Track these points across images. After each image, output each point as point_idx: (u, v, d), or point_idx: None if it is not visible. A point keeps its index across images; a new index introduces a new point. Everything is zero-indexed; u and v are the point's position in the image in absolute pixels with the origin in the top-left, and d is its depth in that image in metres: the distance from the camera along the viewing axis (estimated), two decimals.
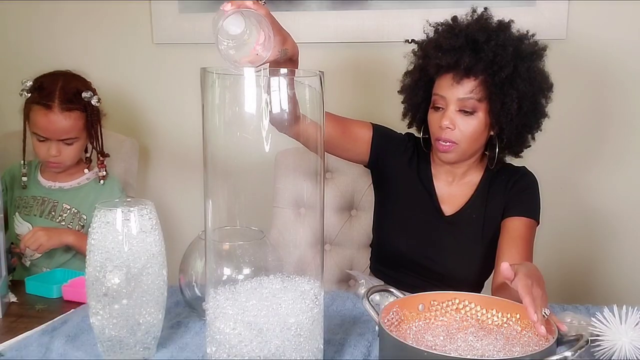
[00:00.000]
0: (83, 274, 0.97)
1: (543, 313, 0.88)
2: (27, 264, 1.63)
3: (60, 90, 1.55)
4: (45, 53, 2.11)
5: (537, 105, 1.34)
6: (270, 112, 0.83)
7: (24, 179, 1.65)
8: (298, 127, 0.93)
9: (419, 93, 1.42)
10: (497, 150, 1.37)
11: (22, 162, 1.65)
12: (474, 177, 1.43)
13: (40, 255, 1.60)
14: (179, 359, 0.96)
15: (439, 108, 1.34)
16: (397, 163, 1.45)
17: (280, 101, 0.84)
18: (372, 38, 1.87)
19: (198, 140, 0.87)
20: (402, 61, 1.46)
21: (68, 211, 1.65)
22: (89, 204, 1.65)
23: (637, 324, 0.96)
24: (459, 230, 1.39)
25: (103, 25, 2.10)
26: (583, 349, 0.76)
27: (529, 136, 1.39)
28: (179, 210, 2.11)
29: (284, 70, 0.85)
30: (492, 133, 1.36)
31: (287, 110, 0.84)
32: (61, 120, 1.55)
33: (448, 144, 1.33)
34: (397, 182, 1.45)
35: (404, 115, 1.48)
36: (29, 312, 1.17)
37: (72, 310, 1.16)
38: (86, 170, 1.69)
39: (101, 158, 1.66)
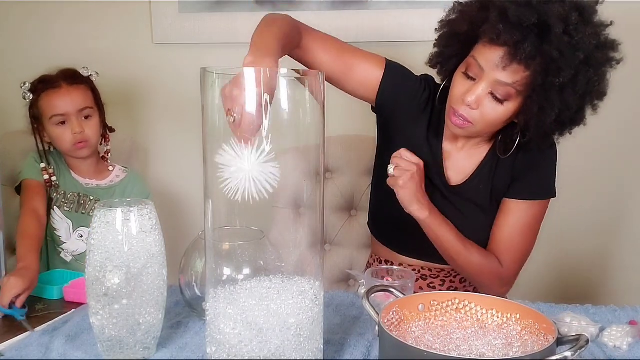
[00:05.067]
0: (83, 275, 0.97)
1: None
2: (68, 259, 1.65)
3: (61, 73, 1.64)
4: (45, 53, 2.11)
5: (578, 116, 1.20)
6: None
7: (52, 175, 1.64)
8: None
9: (454, 45, 1.24)
10: (516, 142, 1.23)
11: (39, 157, 1.65)
12: (486, 145, 1.32)
13: (84, 250, 1.62)
14: (179, 359, 0.96)
15: (469, 76, 1.18)
16: (407, 115, 1.32)
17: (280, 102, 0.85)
18: (372, 38, 1.87)
19: (198, 140, 0.87)
20: (401, 61, 1.46)
21: None
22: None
23: (262, 153, 0.83)
24: (463, 200, 1.32)
25: (103, 25, 2.10)
26: (583, 349, 0.76)
27: (555, 138, 1.27)
28: (179, 210, 2.11)
29: (283, 70, 0.85)
30: (515, 120, 1.22)
31: None
32: (72, 92, 1.62)
33: (462, 120, 1.20)
34: (403, 136, 1.33)
35: (430, 61, 1.31)
36: (29, 312, 1.17)
37: (73, 310, 1.16)
38: (111, 168, 1.74)
39: (109, 134, 1.74)
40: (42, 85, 1.62)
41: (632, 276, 1.92)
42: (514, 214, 1.30)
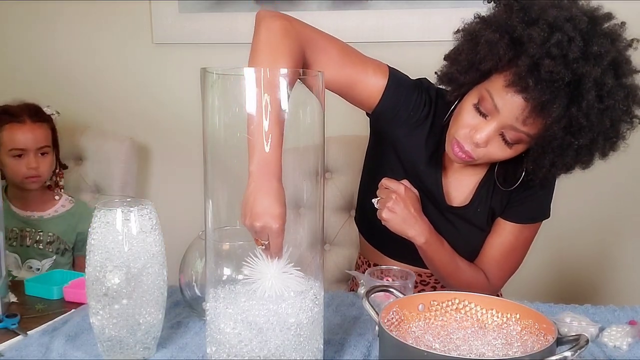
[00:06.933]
0: (83, 275, 0.97)
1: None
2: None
3: (26, 108, 1.70)
4: (45, 54, 2.11)
5: (588, 164, 1.13)
6: None
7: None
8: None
9: (472, 74, 1.11)
10: (519, 179, 1.19)
11: None
12: (485, 165, 1.26)
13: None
14: (179, 359, 0.96)
15: (480, 111, 1.09)
16: (403, 129, 1.23)
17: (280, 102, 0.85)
18: (372, 38, 1.87)
19: (198, 140, 0.87)
20: (401, 61, 1.45)
21: (51, 238, 1.73)
22: (70, 230, 1.76)
23: (288, 261, 0.88)
24: (461, 220, 1.28)
25: (103, 25, 2.10)
26: (583, 349, 0.76)
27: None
28: (179, 210, 2.11)
29: (284, 71, 0.85)
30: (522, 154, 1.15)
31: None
32: (35, 130, 1.68)
33: (466, 156, 1.12)
34: (397, 151, 1.26)
35: (441, 80, 1.20)
36: (29, 312, 1.17)
37: (73, 310, 1.16)
38: (57, 197, 1.78)
39: (62, 170, 1.80)
40: (6, 117, 1.66)
41: (631, 276, 1.92)
42: (507, 234, 1.27)
